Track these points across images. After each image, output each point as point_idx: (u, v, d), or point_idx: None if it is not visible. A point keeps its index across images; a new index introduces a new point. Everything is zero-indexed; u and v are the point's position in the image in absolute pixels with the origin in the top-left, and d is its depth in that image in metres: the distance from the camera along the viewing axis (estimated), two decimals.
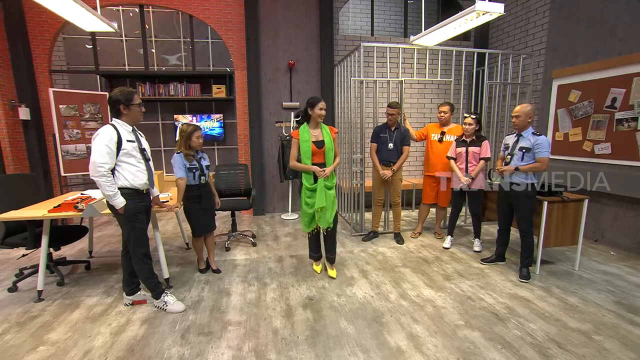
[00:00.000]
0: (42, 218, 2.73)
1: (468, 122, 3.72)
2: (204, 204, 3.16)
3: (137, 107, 2.48)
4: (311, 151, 2.98)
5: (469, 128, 3.70)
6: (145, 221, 2.64)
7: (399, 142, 3.92)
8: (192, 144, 3.03)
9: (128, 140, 2.44)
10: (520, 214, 3.16)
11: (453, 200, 4.02)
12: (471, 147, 3.70)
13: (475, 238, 3.94)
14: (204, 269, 3.35)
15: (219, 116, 6.29)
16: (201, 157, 3.15)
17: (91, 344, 2.23)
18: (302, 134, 2.99)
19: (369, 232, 4.32)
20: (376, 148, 4.00)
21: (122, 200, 2.43)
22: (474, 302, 2.75)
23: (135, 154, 2.47)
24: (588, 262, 3.53)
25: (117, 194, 2.41)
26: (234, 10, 5.17)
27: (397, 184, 4.03)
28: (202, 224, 3.20)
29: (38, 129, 4.98)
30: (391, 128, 3.94)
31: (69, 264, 3.45)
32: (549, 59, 4.73)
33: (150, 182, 2.62)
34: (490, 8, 2.69)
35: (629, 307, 2.68)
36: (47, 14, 4.72)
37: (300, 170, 3.07)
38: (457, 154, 3.82)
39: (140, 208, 2.54)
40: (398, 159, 3.94)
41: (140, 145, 2.54)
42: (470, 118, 3.71)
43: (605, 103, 3.95)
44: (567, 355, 2.11)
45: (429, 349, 2.17)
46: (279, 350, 2.17)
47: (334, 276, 3.22)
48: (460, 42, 5.79)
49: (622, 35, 3.82)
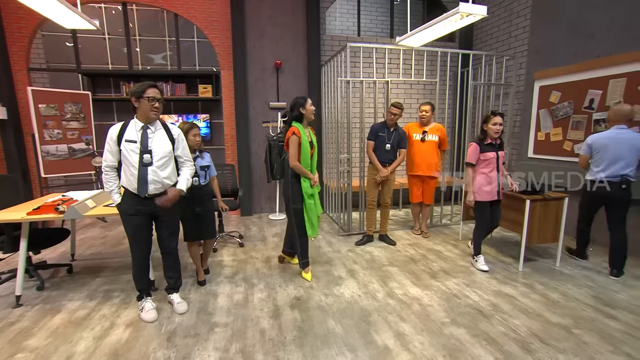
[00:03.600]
0: (21, 221, 2.65)
1: (499, 122, 3.15)
2: (197, 206, 2.92)
3: (146, 101, 2.25)
4: (310, 152, 2.98)
5: (498, 129, 3.15)
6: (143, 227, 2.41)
7: (396, 144, 3.91)
8: (189, 142, 2.81)
9: (127, 140, 2.27)
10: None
11: (481, 215, 3.36)
12: (500, 151, 3.26)
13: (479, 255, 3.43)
14: (203, 281, 3.09)
15: (205, 116, 6.22)
16: (197, 157, 2.98)
17: (73, 350, 2.17)
18: (302, 133, 2.93)
19: (363, 237, 4.19)
20: (373, 146, 3.94)
21: (116, 199, 2.40)
22: (460, 300, 2.79)
23: (128, 156, 2.26)
24: (569, 259, 3.62)
25: (113, 192, 2.38)
26: (219, 10, 5.11)
27: (391, 185, 4.02)
28: (195, 229, 2.96)
29: (16, 128, 4.82)
30: (390, 128, 3.91)
31: (50, 267, 3.35)
32: (530, 60, 4.83)
33: (141, 189, 2.29)
34: (474, 10, 2.74)
35: (606, 301, 2.77)
36: (24, 9, 4.56)
37: (301, 173, 2.98)
38: (488, 159, 3.23)
39: (134, 211, 2.36)
40: (394, 159, 3.93)
41: (144, 147, 2.29)
42: (500, 117, 3.16)
43: (583, 104, 4.07)
44: (549, 350, 2.16)
45: (416, 347, 2.19)
46: (267, 351, 2.15)
47: (296, 262, 3.38)
48: (445, 43, 5.87)
49: (599, 38, 3.93)
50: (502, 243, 4.12)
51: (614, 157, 3.06)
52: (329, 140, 5.06)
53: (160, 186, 2.37)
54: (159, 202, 2.36)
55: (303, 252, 3.19)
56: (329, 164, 4.97)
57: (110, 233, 4.66)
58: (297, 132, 2.91)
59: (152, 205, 2.38)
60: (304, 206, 3.03)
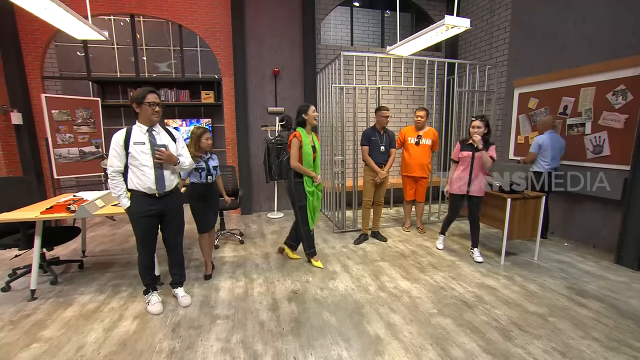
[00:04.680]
0: (35, 220, 2.64)
1: (476, 126, 3.19)
2: (210, 202, 3.07)
3: (147, 106, 2.25)
4: (312, 155, 3.11)
5: (477, 132, 3.19)
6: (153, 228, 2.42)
7: (388, 145, 3.92)
8: (202, 145, 2.97)
9: (136, 142, 2.27)
10: None
11: (452, 205, 3.55)
12: (479, 152, 3.23)
13: (474, 247, 3.50)
14: (209, 275, 3.10)
15: (207, 120, 6.19)
16: (209, 158, 3.08)
17: (84, 340, 2.17)
18: (305, 137, 3.08)
19: (360, 235, 4.14)
20: (367, 151, 3.91)
21: (125, 203, 2.35)
22: (446, 292, 2.81)
23: (139, 157, 2.26)
24: (546, 253, 3.66)
25: (121, 196, 2.33)
26: (221, 21, 5.11)
27: (385, 185, 4.02)
28: (207, 221, 3.09)
29: (31, 133, 4.80)
30: (380, 131, 3.90)
31: (62, 263, 3.33)
32: (510, 69, 4.87)
33: (159, 186, 2.34)
34: (458, 22, 2.76)
35: (578, 291, 2.81)
36: (38, 22, 4.54)
37: (302, 172, 3.14)
38: (462, 157, 3.36)
39: (145, 212, 2.34)
40: (388, 160, 3.93)
41: (154, 144, 2.31)
42: (479, 121, 3.19)
43: (558, 110, 4.11)
44: (526, 336, 2.19)
45: (405, 336, 2.21)
46: (266, 341, 2.16)
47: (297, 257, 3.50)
48: (432, 53, 5.90)
49: (571, 50, 3.97)
50: (486, 238, 4.15)
51: (553, 153, 3.79)
52: (324, 143, 5.06)
53: (170, 183, 2.41)
54: (158, 152, 2.30)
55: (309, 241, 3.36)
56: (324, 165, 4.97)
57: (118, 231, 4.65)
58: (299, 136, 3.06)
59: (161, 203, 2.40)
60: (307, 202, 3.21)
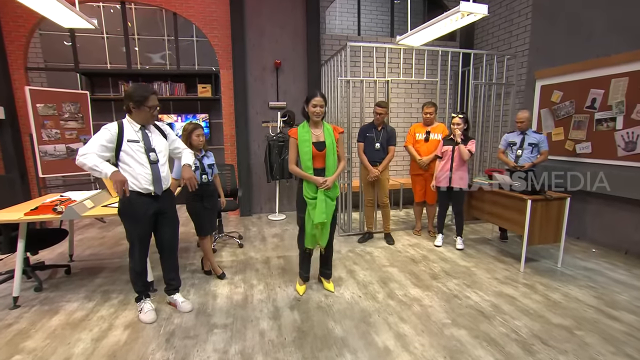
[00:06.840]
0: (18, 221, 2.64)
1: (456, 122, 3.68)
2: (207, 202, 3.08)
3: (147, 109, 2.27)
4: (311, 153, 2.66)
5: (457, 128, 3.67)
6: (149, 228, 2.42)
7: (385, 142, 3.93)
8: (193, 142, 2.98)
9: (129, 140, 2.26)
10: None
11: (439, 199, 4.03)
12: (457, 146, 3.70)
13: (457, 236, 3.99)
14: (209, 271, 3.27)
15: (204, 116, 6.21)
16: (204, 156, 3.09)
17: (71, 351, 2.17)
18: (302, 134, 2.67)
19: (364, 234, 4.27)
20: (363, 147, 3.99)
21: (108, 168, 2.14)
22: (461, 301, 2.78)
23: (135, 156, 2.27)
24: (570, 259, 3.62)
25: (101, 164, 2.14)
26: (218, 9, 5.11)
27: (384, 184, 4.02)
28: (208, 222, 3.12)
29: (14, 128, 4.82)
30: (378, 128, 3.93)
31: (48, 268, 3.35)
32: (532, 59, 4.83)
33: (157, 186, 2.36)
34: (474, 9, 2.73)
35: (608, 302, 2.76)
36: (22, 8, 4.54)
37: (300, 177, 2.74)
38: (444, 152, 3.82)
39: (141, 213, 2.34)
40: (384, 158, 3.94)
41: (147, 146, 2.32)
42: (458, 118, 3.67)
43: (585, 103, 4.06)
44: (550, 351, 2.16)
45: (416, 348, 2.19)
46: (266, 353, 2.15)
47: (331, 290, 2.94)
48: (446, 43, 5.86)
49: (600, 38, 3.93)
50: (503, 243, 4.12)
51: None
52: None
53: (166, 182, 2.45)
54: (187, 180, 2.49)
55: (300, 262, 2.98)
56: None
57: (108, 234, 4.66)
58: (294, 133, 2.72)
59: (159, 203, 2.42)
60: (305, 214, 2.74)
